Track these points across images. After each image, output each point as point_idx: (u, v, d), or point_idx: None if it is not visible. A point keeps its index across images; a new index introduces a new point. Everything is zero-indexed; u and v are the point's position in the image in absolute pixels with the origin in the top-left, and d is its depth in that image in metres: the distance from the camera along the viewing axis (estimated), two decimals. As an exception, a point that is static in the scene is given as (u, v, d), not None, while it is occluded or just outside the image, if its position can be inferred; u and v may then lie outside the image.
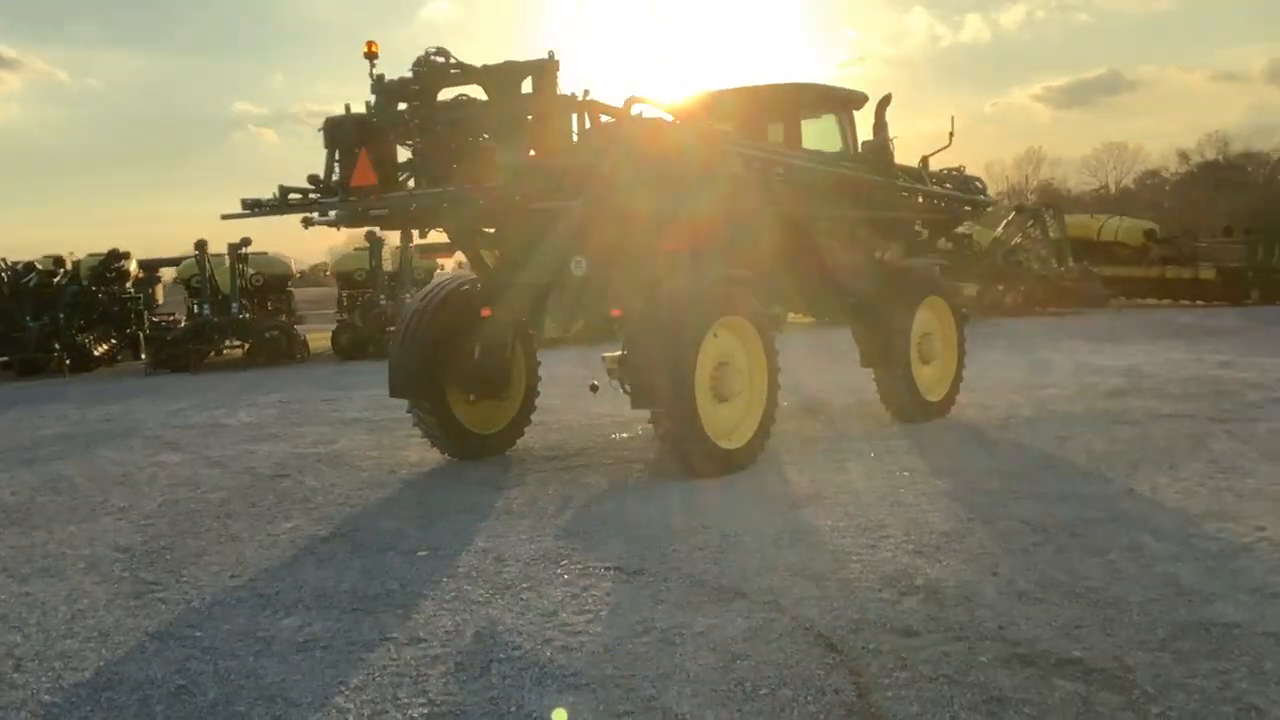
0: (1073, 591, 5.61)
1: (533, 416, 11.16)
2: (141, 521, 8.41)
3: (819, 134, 11.50)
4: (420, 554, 7.06)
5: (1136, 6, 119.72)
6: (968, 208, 12.84)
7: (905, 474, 8.82)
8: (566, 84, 8.67)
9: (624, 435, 11.50)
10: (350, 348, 26.77)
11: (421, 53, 8.76)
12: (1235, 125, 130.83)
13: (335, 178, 9.20)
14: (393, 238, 27.92)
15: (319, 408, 15.48)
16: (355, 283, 29.97)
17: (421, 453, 10.86)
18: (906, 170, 11.85)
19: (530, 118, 8.59)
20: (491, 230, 9.77)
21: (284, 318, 29.17)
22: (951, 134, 11.96)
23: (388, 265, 28.10)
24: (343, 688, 4.79)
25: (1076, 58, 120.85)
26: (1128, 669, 4.56)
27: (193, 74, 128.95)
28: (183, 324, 26.96)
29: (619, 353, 10.69)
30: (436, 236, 10.53)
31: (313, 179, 9.16)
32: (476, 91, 9.04)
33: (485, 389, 10.45)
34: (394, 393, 10.14)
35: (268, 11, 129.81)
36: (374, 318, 26.84)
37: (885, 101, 11.80)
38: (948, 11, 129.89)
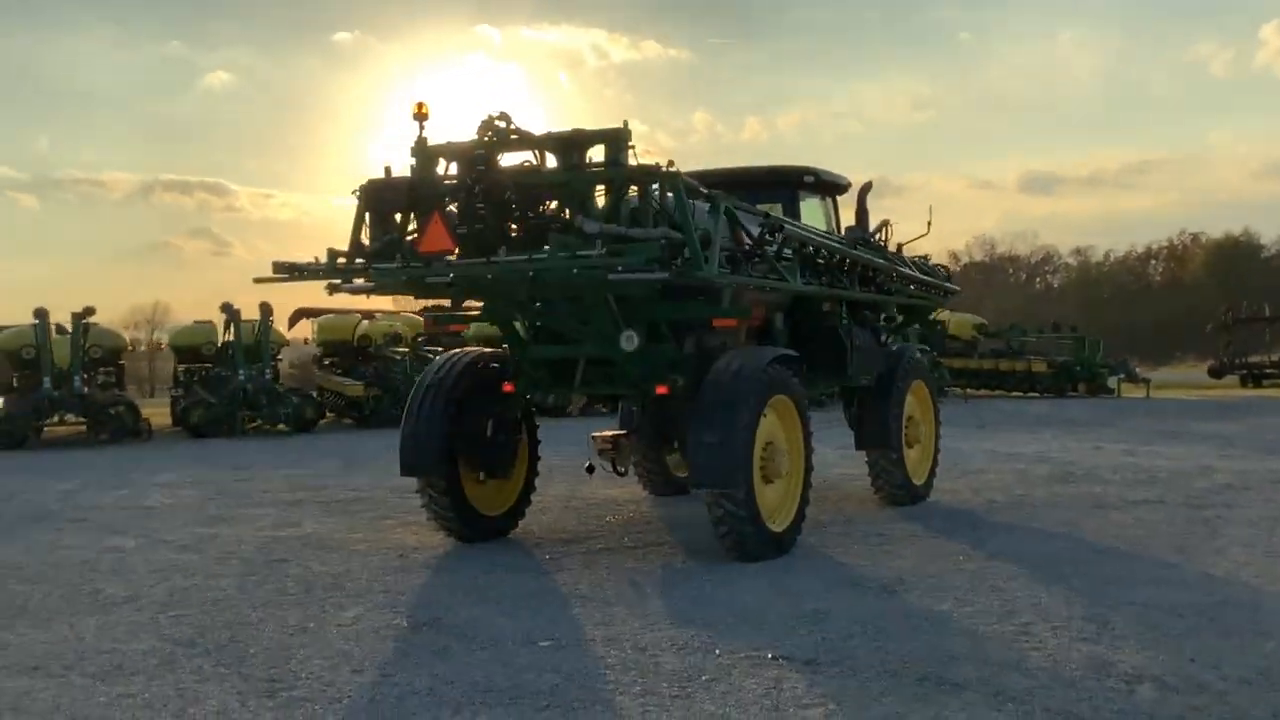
0: (1291, 676, 5.58)
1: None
2: (170, 613, 7.56)
3: (810, 217, 11.55)
4: (543, 644, 6.53)
5: (901, 117, 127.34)
6: (941, 294, 13.08)
7: (963, 558, 8.76)
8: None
9: (612, 518, 11.15)
10: (204, 425, 25.43)
11: (485, 116, 8.37)
12: (993, 229, 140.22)
13: (369, 244, 8.68)
14: (251, 310, 26.84)
15: (239, 487, 14.51)
16: (201, 357, 28.59)
17: (418, 536, 10.24)
18: (893, 257, 11.99)
19: (602, 188, 8.29)
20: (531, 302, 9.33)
21: (118, 392, 27.49)
22: (929, 223, 12.20)
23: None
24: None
25: (847, 162, 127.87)
26: None
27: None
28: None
29: (612, 432, 10.44)
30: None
31: (356, 246, 8.60)
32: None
33: (494, 468, 9.96)
34: (406, 470, 9.54)
35: (31, 74, 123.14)
36: (231, 394, 25.62)
37: (867, 188, 11.96)
38: (728, 113, 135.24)
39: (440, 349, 30.29)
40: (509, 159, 8.63)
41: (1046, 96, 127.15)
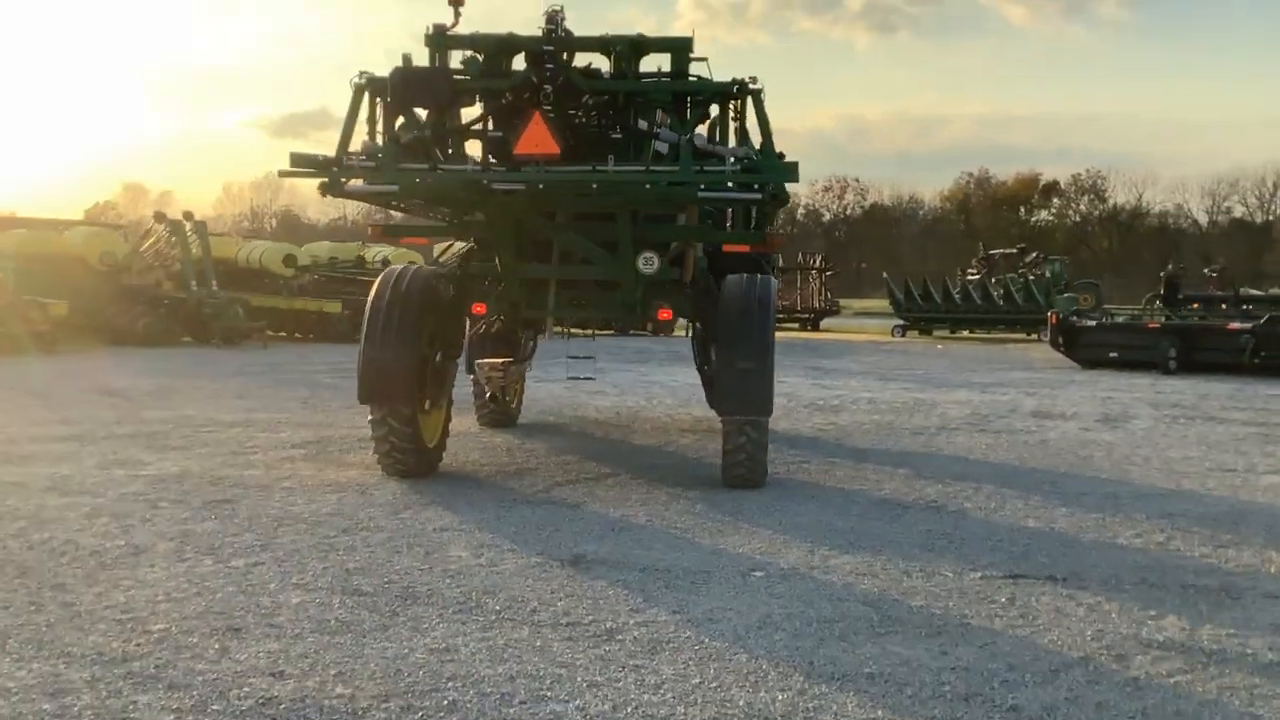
0: None
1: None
2: (228, 563, 6.38)
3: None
4: (756, 575, 6.30)
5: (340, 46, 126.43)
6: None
7: (932, 480, 9.32)
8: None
9: (506, 451, 10.66)
10: None
11: (547, 10, 7.67)
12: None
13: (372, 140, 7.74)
14: None
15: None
16: None
17: (337, 471, 9.26)
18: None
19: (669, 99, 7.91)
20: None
21: None
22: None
23: None
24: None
25: (286, 91, 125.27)
26: None
27: None
28: None
29: (500, 359, 10.09)
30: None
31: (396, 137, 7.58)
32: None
33: (437, 395, 9.20)
34: (371, 398, 8.55)
35: None
36: None
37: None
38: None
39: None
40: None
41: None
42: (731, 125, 8.26)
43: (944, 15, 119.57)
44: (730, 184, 7.72)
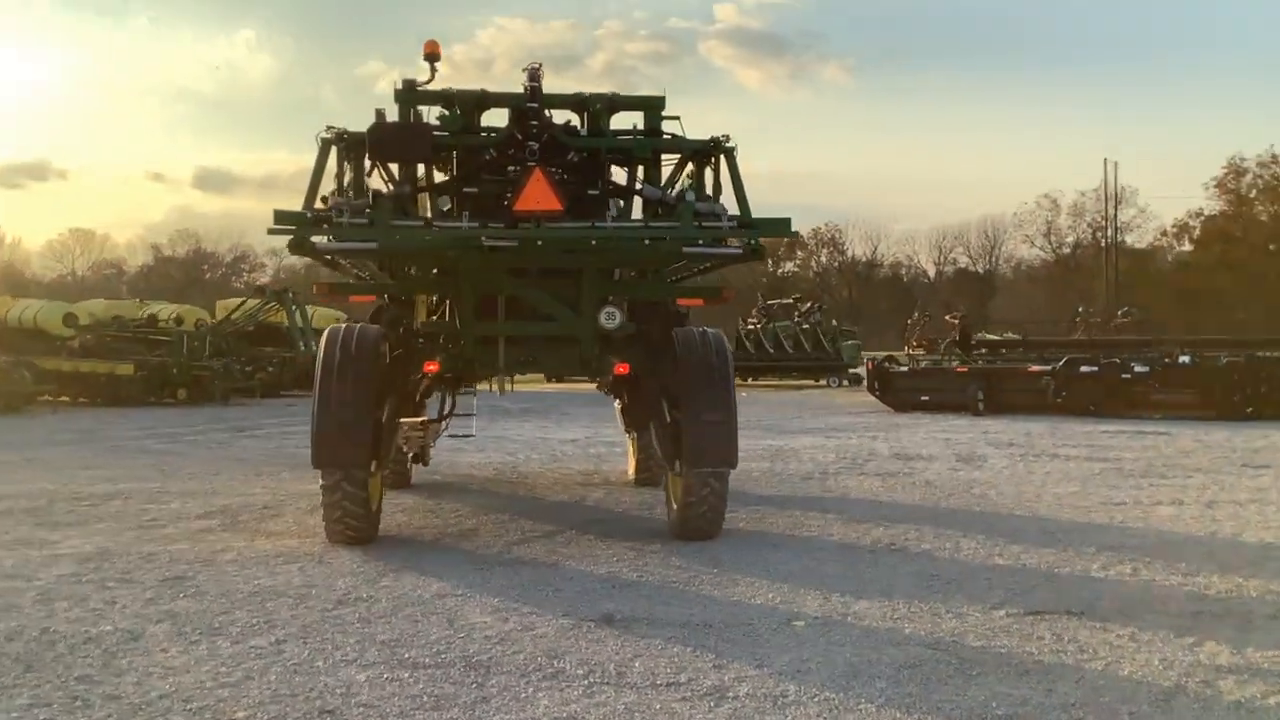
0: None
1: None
2: (253, 642, 6.02)
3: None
4: (797, 624, 6.37)
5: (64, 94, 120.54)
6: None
7: (874, 524, 9.62)
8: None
9: (430, 511, 10.39)
10: None
11: (529, 67, 7.62)
12: (163, 221, 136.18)
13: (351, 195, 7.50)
14: None
15: None
16: None
17: (267, 540, 8.82)
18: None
19: (649, 156, 7.96)
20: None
21: None
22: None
23: None
24: None
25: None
26: None
27: None
28: None
29: (422, 418, 10.03)
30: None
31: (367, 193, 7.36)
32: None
33: (382, 457, 8.90)
34: (327, 462, 8.20)
35: None
36: None
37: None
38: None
39: None
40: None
41: (224, 93, 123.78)
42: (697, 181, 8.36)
43: (681, 77, 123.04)
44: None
